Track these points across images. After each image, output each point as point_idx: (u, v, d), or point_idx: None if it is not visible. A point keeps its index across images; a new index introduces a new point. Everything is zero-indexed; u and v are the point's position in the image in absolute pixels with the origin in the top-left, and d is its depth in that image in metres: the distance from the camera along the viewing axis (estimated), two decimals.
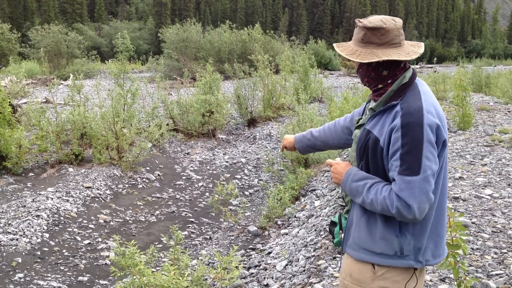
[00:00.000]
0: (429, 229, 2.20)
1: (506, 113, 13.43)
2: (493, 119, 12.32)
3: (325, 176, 8.45)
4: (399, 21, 2.24)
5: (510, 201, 6.07)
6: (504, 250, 4.58)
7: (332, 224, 2.55)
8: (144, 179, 9.73)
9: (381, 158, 2.18)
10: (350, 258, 2.35)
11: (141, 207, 8.47)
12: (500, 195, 6.32)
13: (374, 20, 2.22)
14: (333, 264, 4.50)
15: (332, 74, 33.74)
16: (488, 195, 6.30)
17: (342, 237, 2.42)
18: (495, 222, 5.34)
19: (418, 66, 48.07)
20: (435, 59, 33.55)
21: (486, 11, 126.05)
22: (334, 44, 2.37)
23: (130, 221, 7.82)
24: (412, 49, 2.22)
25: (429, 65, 50.51)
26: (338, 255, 4.67)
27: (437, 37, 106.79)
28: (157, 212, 8.32)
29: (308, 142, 2.93)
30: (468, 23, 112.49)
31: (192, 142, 12.85)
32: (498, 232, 5.05)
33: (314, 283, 4.23)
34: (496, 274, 4.09)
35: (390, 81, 2.25)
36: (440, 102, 16.43)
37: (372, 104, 2.33)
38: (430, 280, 4.05)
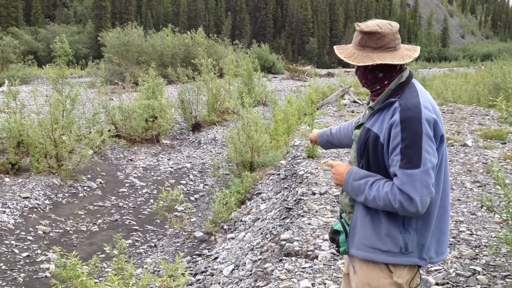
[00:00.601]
0: (433, 225, 2.24)
1: (441, 114, 13.99)
2: None
3: (270, 179, 8.50)
4: (395, 26, 2.29)
5: None
6: None
7: (335, 233, 2.50)
8: (85, 188, 9.46)
9: (381, 154, 2.21)
10: (361, 264, 2.33)
11: (83, 216, 8.22)
12: None
13: (370, 24, 2.27)
14: (279, 266, 4.52)
15: (276, 77, 34.07)
16: None
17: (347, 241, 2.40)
18: None
19: None
20: None
21: (421, 15, 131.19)
22: (335, 47, 2.41)
23: (71, 231, 7.58)
24: (407, 53, 2.28)
25: None
26: (284, 258, 4.70)
27: None
28: (100, 221, 8.10)
29: (328, 138, 3.04)
30: (404, 27, 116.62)
31: (135, 148, 12.62)
32: None
33: (261, 287, 4.24)
34: (435, 270, 4.24)
35: (386, 82, 2.31)
36: None
37: (371, 104, 2.38)
38: None
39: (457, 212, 5.79)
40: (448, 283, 4.00)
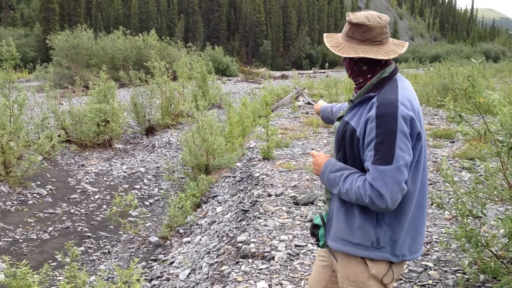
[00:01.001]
0: (407, 223, 2.23)
1: None
2: None
3: (226, 182, 8.48)
4: (385, 19, 2.27)
5: None
6: None
7: (315, 227, 2.52)
8: (34, 195, 9.17)
9: (357, 148, 2.20)
10: (341, 258, 2.35)
11: (33, 224, 7.96)
12: None
13: (360, 15, 2.26)
14: (236, 269, 4.51)
15: (230, 80, 34.06)
16: None
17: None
18: None
19: (311, 71, 49.98)
20: (327, 64, 35.05)
21: None
22: (325, 35, 2.40)
23: (21, 240, 7.32)
24: (393, 48, 2.26)
25: (322, 70, 52.67)
26: (241, 260, 4.69)
27: None
28: (50, 228, 7.87)
29: (328, 114, 3.11)
30: None
31: (87, 153, 12.33)
32: None
33: None
34: None
35: (369, 75, 2.30)
36: None
37: (352, 97, 2.37)
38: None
39: None
40: (401, 279, 4.09)
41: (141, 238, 7.21)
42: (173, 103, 15.74)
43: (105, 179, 10.71)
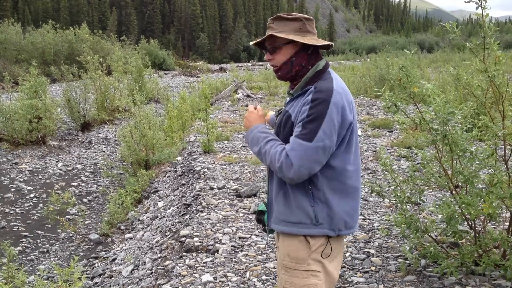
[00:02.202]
0: (342, 201, 2.35)
1: None
2: None
3: (167, 177, 8.40)
4: (311, 17, 2.47)
5: None
6: None
7: (260, 213, 2.61)
8: None
9: (290, 132, 2.29)
10: (283, 238, 2.42)
11: None
12: None
13: (292, 14, 2.42)
14: (180, 263, 4.49)
15: (167, 73, 33.62)
16: None
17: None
18: None
19: (250, 64, 50.18)
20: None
21: (308, 10, 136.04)
22: (251, 43, 2.52)
23: None
24: (321, 40, 2.46)
25: (260, 63, 53.00)
26: (185, 254, 4.67)
27: None
28: None
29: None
30: None
31: (20, 151, 11.83)
32: None
33: (162, 284, 4.18)
34: None
35: (305, 70, 2.43)
36: (272, 98, 17.36)
37: (291, 91, 2.47)
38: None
39: None
40: (344, 266, 4.19)
41: (80, 236, 7.03)
42: (108, 98, 15.40)
43: (40, 177, 10.33)
